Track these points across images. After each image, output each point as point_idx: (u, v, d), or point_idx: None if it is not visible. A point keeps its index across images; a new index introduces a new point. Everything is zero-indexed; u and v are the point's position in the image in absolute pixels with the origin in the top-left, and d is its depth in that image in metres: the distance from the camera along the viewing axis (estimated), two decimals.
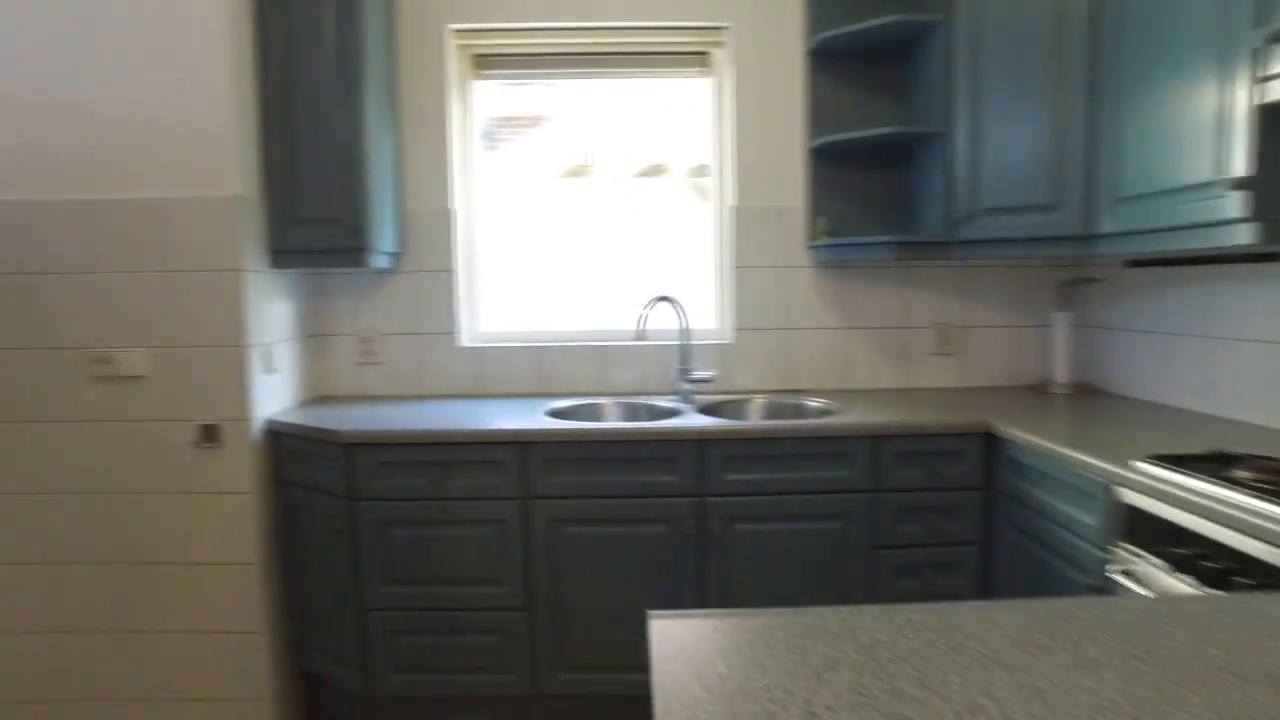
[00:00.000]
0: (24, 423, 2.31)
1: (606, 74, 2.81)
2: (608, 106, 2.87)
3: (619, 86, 2.84)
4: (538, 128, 2.92)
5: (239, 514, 2.29)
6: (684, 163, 2.87)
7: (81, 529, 2.33)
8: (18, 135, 2.23)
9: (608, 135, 2.88)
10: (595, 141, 2.89)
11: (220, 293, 2.23)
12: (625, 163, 2.88)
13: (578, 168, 2.91)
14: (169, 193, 2.22)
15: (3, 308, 2.28)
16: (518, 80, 2.84)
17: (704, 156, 2.85)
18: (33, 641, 2.38)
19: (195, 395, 2.26)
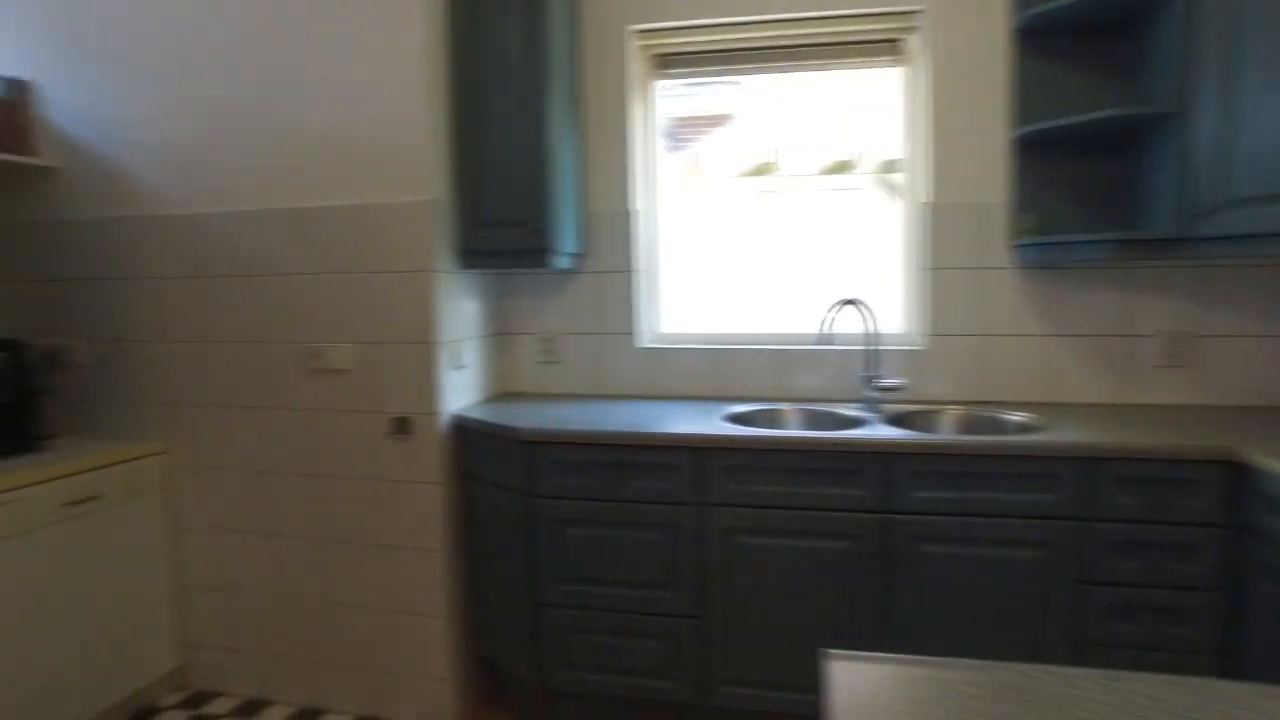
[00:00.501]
0: (251, 408, 2.55)
1: (792, 68, 2.70)
2: (792, 102, 2.76)
3: (804, 81, 2.73)
4: (720, 127, 2.87)
5: (426, 503, 2.41)
6: (871, 158, 2.71)
7: (296, 507, 2.55)
8: (240, 152, 2.46)
9: (791, 132, 2.78)
10: (778, 139, 2.79)
11: (414, 293, 2.35)
12: (809, 160, 2.76)
13: (761, 166, 2.82)
14: (370, 199, 2.37)
15: (234, 305, 2.53)
16: (700, 79, 2.80)
17: (894, 151, 2.68)
18: (257, 603, 2.63)
19: (390, 389, 2.40)
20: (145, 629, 2.63)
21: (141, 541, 2.61)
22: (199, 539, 2.68)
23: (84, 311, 2.71)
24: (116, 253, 2.65)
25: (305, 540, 2.55)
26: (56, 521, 2.33)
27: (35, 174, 2.72)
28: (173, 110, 2.53)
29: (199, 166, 2.52)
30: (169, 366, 2.63)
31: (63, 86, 2.64)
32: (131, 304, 2.65)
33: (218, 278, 2.54)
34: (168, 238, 2.58)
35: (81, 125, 2.64)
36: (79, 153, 2.65)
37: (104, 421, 2.74)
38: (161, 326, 2.62)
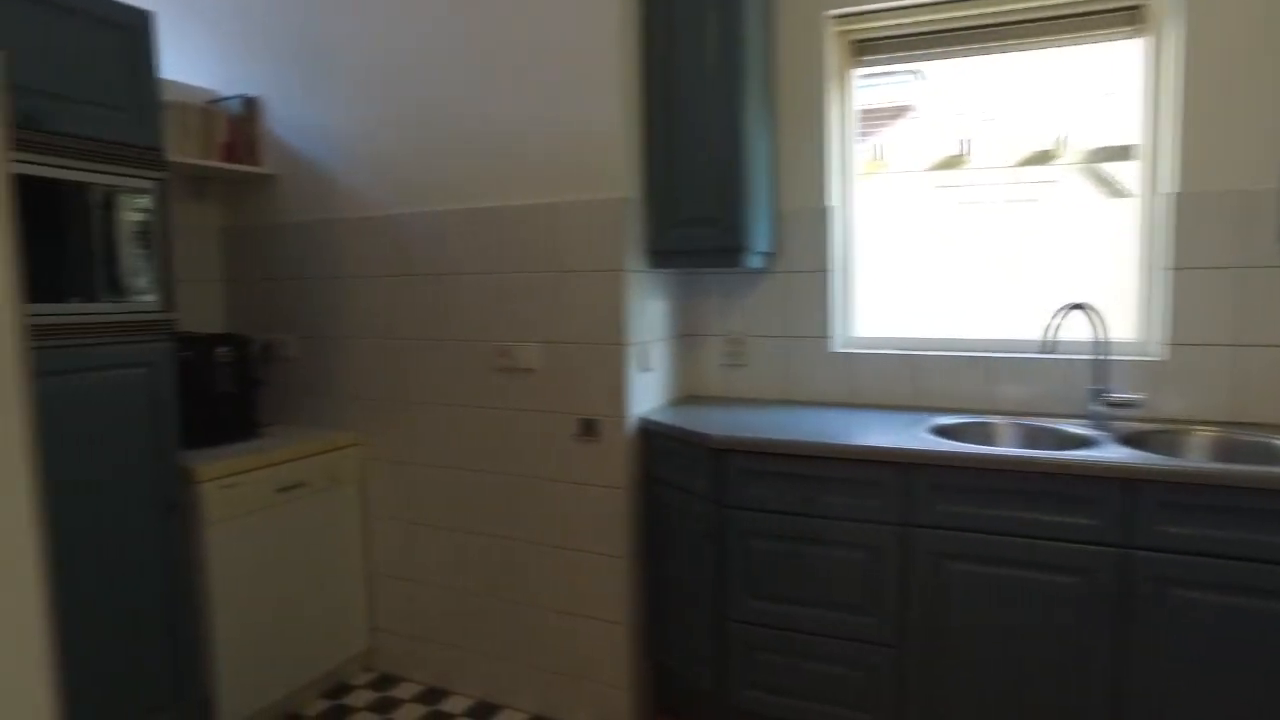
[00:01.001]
0: (441, 405, 2.61)
1: (1002, 48, 2.45)
2: (990, 87, 2.51)
3: (1009, 63, 2.47)
4: (902, 119, 2.66)
5: (610, 506, 2.36)
6: (1082, 145, 2.41)
7: (481, 503, 2.58)
8: (438, 154, 2.52)
9: (987, 120, 2.52)
10: (971, 127, 2.54)
11: (603, 293, 2.31)
12: (1006, 150, 2.49)
13: (949, 159, 2.59)
14: (561, 197, 2.35)
15: (428, 304, 2.60)
16: (901, 64, 2.60)
17: (1118, 135, 2.36)
18: (440, 594, 2.70)
19: (577, 390, 2.37)
20: (342, 610, 2.75)
21: (339, 527, 2.74)
22: (388, 528, 2.78)
23: (293, 309, 2.89)
24: (323, 253, 2.79)
25: (489, 537, 2.58)
26: (271, 505, 2.48)
27: (259, 182, 2.93)
28: (378, 118, 2.63)
29: (401, 170, 2.61)
30: (366, 362, 2.75)
31: (284, 100, 2.82)
32: (335, 302, 2.79)
33: (413, 276, 2.62)
34: (370, 238, 2.69)
35: (298, 135, 2.81)
36: (296, 161, 2.82)
37: (308, 412, 2.91)
38: (361, 323, 2.74)
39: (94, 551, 2.06)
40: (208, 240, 3.01)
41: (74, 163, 1.99)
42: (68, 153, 1.97)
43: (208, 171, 2.77)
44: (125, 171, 2.10)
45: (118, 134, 2.07)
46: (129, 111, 2.10)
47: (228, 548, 2.35)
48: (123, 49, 2.09)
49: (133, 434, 2.14)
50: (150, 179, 2.16)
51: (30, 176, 1.90)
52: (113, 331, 2.09)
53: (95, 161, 2.03)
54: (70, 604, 2.01)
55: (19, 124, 1.87)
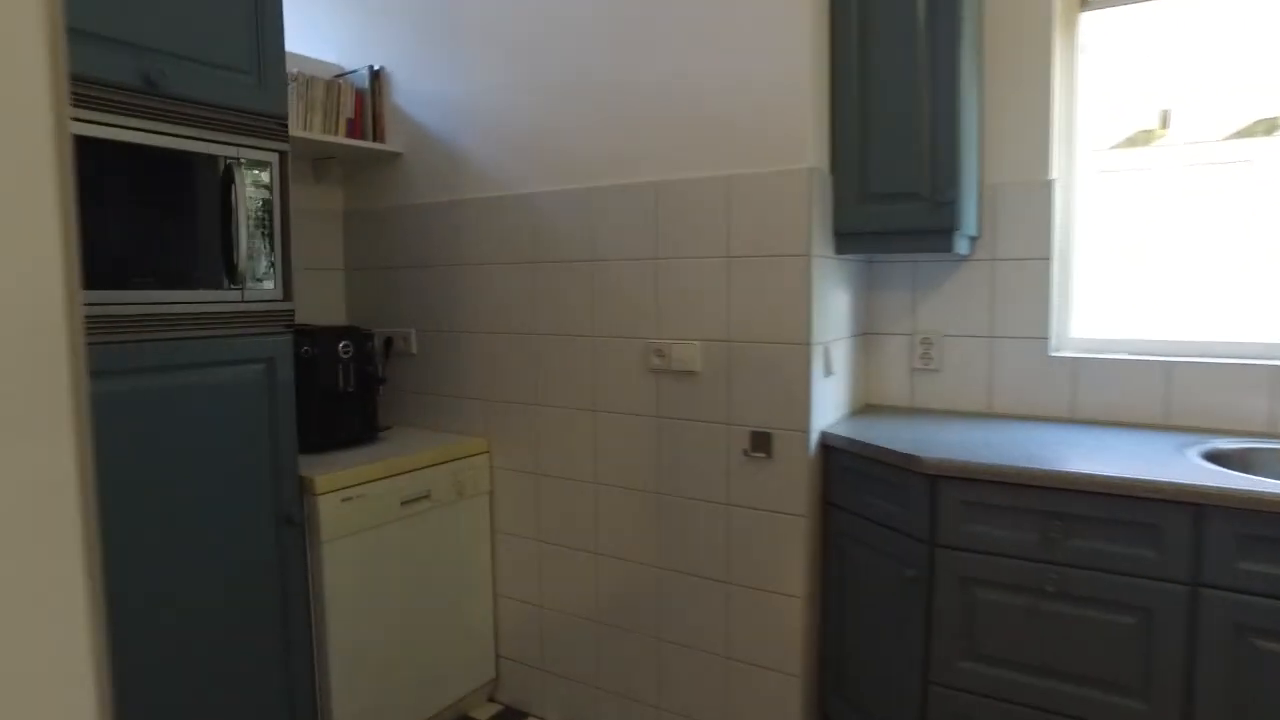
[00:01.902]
0: (581, 410, 2.29)
1: None
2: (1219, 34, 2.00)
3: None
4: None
5: (786, 538, 1.99)
6: None
7: (626, 525, 2.25)
8: (584, 123, 2.19)
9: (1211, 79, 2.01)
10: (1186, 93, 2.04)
11: (783, 282, 1.93)
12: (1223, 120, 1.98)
13: (1141, 134, 2.11)
14: (733, 168, 1.99)
15: (567, 294, 2.28)
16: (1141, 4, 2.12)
17: None
18: (575, 624, 2.38)
19: (747, 397, 2.00)
20: (468, 636, 2.48)
21: (466, 544, 2.46)
22: (518, 547, 2.49)
23: (417, 300, 2.63)
24: (451, 238, 2.52)
25: (633, 564, 2.24)
26: (394, 519, 2.21)
27: (384, 161, 2.69)
28: (515, 86, 2.33)
29: (540, 143, 2.30)
30: (497, 360, 2.46)
31: (412, 72, 2.56)
32: (463, 292, 2.51)
33: (553, 263, 2.31)
34: (503, 220, 2.39)
35: (427, 109, 2.54)
36: (423, 137, 2.56)
37: (429, 415, 2.65)
38: (492, 317, 2.45)
39: (202, 567, 1.82)
40: (329, 225, 2.79)
41: (191, 131, 1.75)
42: (185, 120, 1.74)
43: (331, 149, 2.54)
44: (246, 142, 1.85)
45: (240, 100, 1.83)
46: (252, 75, 1.86)
47: (346, 566, 2.09)
48: (250, 7, 1.85)
49: (248, 438, 1.90)
50: (272, 151, 1.91)
51: (138, 145, 1.67)
52: (228, 322, 1.85)
53: (214, 130, 1.79)
54: (177, 624, 1.78)
55: (135, 87, 1.64)
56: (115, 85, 1.61)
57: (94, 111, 1.59)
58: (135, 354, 1.68)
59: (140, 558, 1.70)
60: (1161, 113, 2.22)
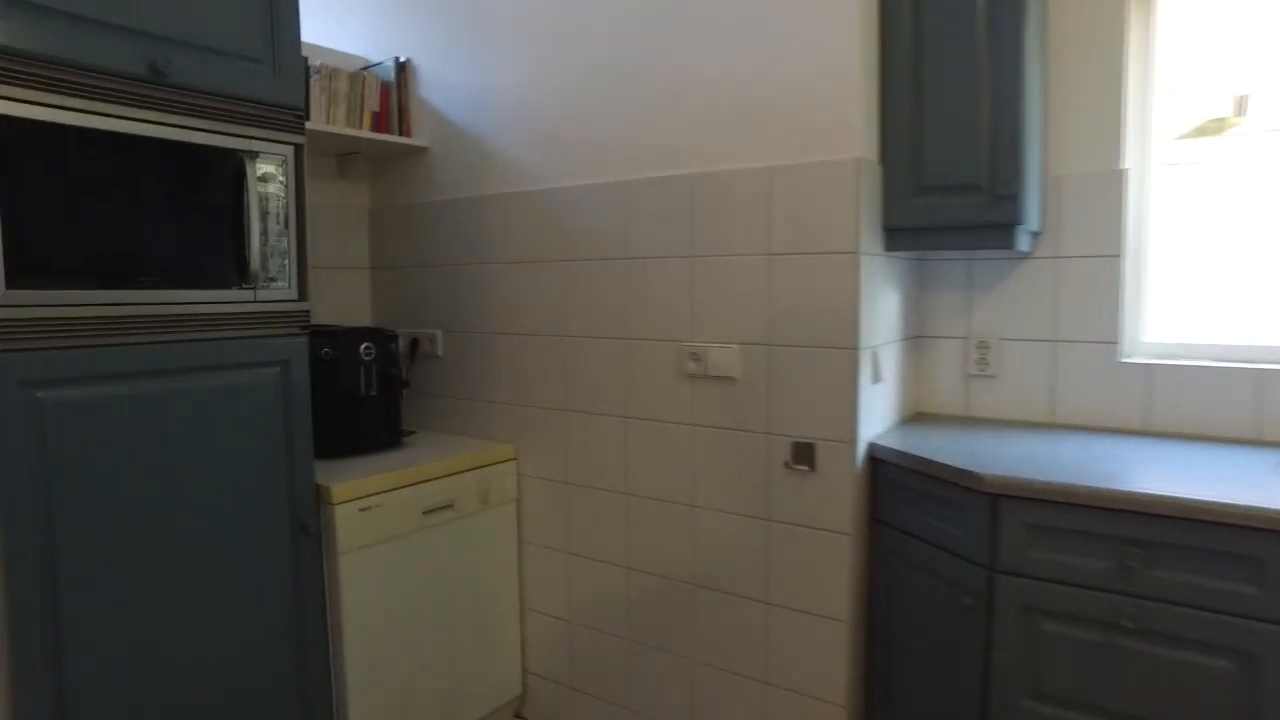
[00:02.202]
0: (611, 416, 2.17)
1: None
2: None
3: None
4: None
5: (829, 557, 1.84)
6: None
7: (658, 538, 2.12)
8: (616, 113, 2.07)
9: None
10: None
11: (829, 281, 1.78)
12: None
13: (1213, 123, 1.92)
14: (776, 159, 1.85)
15: (597, 295, 2.16)
16: None
17: None
18: (605, 640, 2.26)
19: (789, 405, 1.86)
20: (492, 651, 2.37)
21: (491, 556, 2.35)
22: (546, 559, 2.37)
23: (443, 299, 2.53)
24: (477, 235, 2.41)
25: (664, 580, 2.11)
26: (415, 530, 2.11)
27: (409, 155, 2.59)
28: (545, 77, 2.22)
29: (571, 135, 2.19)
30: (524, 362, 2.35)
31: (438, 63, 2.47)
32: (490, 291, 2.40)
33: (584, 261, 2.18)
34: (532, 217, 2.28)
35: (453, 101, 2.44)
36: (449, 130, 2.46)
37: (454, 419, 2.55)
38: (519, 317, 2.34)
39: (213, 579, 1.73)
40: (355, 222, 2.71)
41: (200, 122, 1.66)
42: (194, 111, 1.65)
43: (356, 144, 2.45)
44: (258, 134, 1.76)
45: (252, 90, 1.74)
46: (266, 64, 1.77)
47: (363, 580, 1.99)
48: None
49: (262, 444, 1.81)
50: (286, 144, 1.82)
51: (145, 138, 1.58)
52: (240, 324, 1.76)
53: (224, 121, 1.70)
54: (186, 639, 1.69)
55: (140, 76, 1.56)
56: (120, 74, 1.53)
57: (97, 102, 1.51)
58: (144, 356, 1.60)
59: (146, 570, 1.62)
60: (1237, 99, 2.03)
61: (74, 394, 1.51)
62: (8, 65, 1.39)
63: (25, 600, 1.46)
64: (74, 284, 1.50)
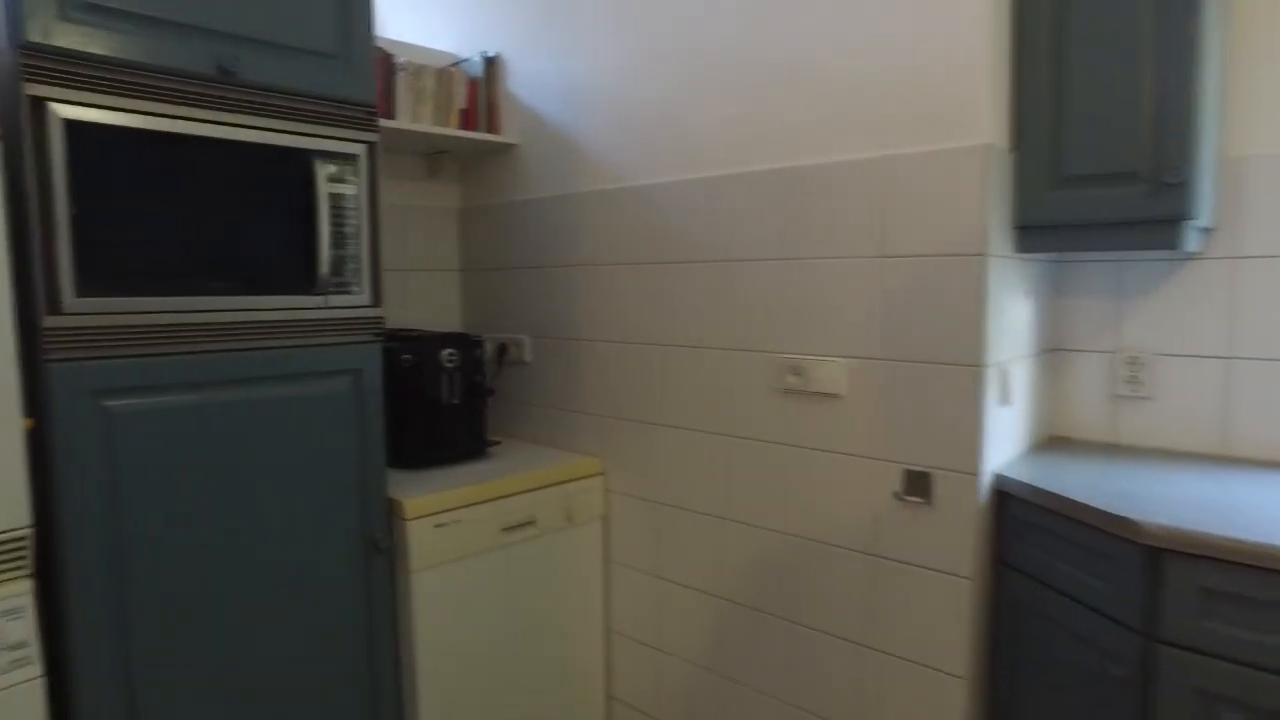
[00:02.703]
0: (704, 433, 2.00)
1: None
2: None
3: None
4: None
5: (945, 603, 1.60)
6: None
7: (753, 568, 1.93)
8: (713, 105, 1.88)
9: None
10: None
11: (950, 287, 1.55)
12: None
13: None
14: (890, 149, 1.62)
15: (691, 300, 1.99)
16: None
17: None
18: (694, 672, 2.09)
19: (902, 427, 1.63)
20: (574, 675, 2.24)
21: (575, 576, 2.22)
22: (631, 580, 2.22)
23: (530, 303, 2.42)
24: (565, 235, 2.29)
25: (760, 613, 1.92)
26: (493, 548, 2.00)
27: (498, 153, 2.50)
28: (634, 66, 2.06)
29: (661, 129, 2.02)
30: (613, 371, 2.20)
31: (527, 57, 2.35)
32: (578, 295, 2.27)
33: (676, 264, 2.02)
34: (622, 216, 2.13)
35: (541, 96, 2.32)
36: (538, 126, 2.35)
37: (540, 430, 2.43)
38: (607, 322, 2.20)
39: (280, 594, 1.67)
40: (444, 224, 2.64)
41: (269, 122, 1.59)
42: (263, 110, 1.58)
43: (444, 143, 2.37)
44: (329, 133, 1.68)
45: (322, 86, 1.66)
46: (338, 59, 1.69)
47: (438, 598, 1.90)
48: None
49: (332, 456, 1.74)
50: (359, 142, 1.73)
51: (213, 140, 1.52)
52: (311, 331, 1.69)
53: (294, 120, 1.63)
54: (251, 651, 1.63)
55: (208, 76, 1.50)
56: (187, 75, 1.47)
57: (163, 104, 1.45)
58: (212, 365, 1.54)
59: (212, 585, 1.57)
60: None
61: (142, 403, 1.46)
62: (75, 70, 1.35)
63: (92, 609, 1.42)
64: (141, 291, 1.46)
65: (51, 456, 1.38)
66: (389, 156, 2.46)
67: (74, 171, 1.36)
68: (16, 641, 1.35)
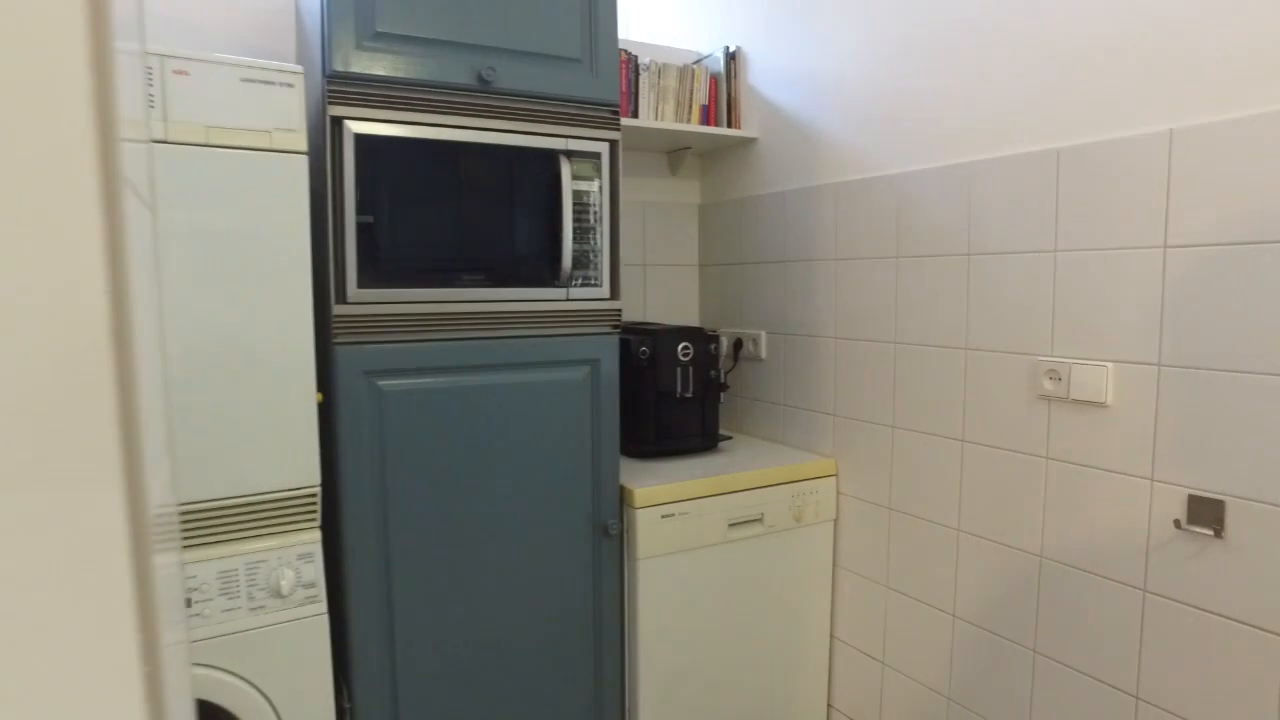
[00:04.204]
0: (948, 439, 1.85)
1: None
2: None
3: None
4: None
5: (1238, 657, 1.35)
6: None
7: (993, 586, 1.76)
8: (962, 84, 1.73)
9: None
10: None
11: (1256, 280, 1.29)
12: None
13: None
14: (1176, 120, 1.39)
15: (937, 297, 1.85)
16: None
17: None
18: (921, 693, 1.95)
19: (1186, 445, 1.40)
20: (792, 680, 2.18)
21: (801, 577, 2.16)
22: (862, 589, 2.12)
23: (768, 298, 2.38)
24: (805, 229, 2.23)
25: (997, 638, 1.74)
26: (719, 542, 2.00)
27: (738, 148, 2.49)
28: (876, 48, 1.95)
29: (906, 113, 1.90)
30: (849, 369, 2.11)
31: (767, 49, 2.32)
32: (816, 291, 2.20)
33: (922, 258, 1.89)
34: (865, 208, 2.03)
35: (782, 88, 2.28)
36: (779, 119, 2.31)
37: (771, 427, 2.39)
38: (845, 319, 2.11)
39: (520, 564, 1.79)
40: (685, 219, 2.69)
41: (522, 125, 1.71)
42: (516, 115, 1.70)
43: (685, 139, 2.41)
44: (575, 133, 1.77)
45: (569, 89, 1.75)
46: (584, 63, 1.77)
47: (663, 586, 1.93)
48: None
49: (569, 440, 1.83)
50: (603, 140, 1.81)
51: (472, 144, 1.66)
52: (553, 322, 1.79)
53: (543, 123, 1.73)
54: (492, 611, 1.77)
55: (469, 87, 1.64)
56: (451, 87, 1.62)
57: (431, 114, 1.61)
58: (467, 351, 1.69)
59: (458, 553, 1.72)
60: None
61: (406, 384, 1.64)
62: (364, 90, 1.54)
63: (363, 555, 1.63)
64: (411, 283, 1.63)
65: (336, 426, 1.59)
66: (632, 154, 2.54)
67: (360, 180, 1.56)
68: (309, 581, 1.57)
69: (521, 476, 1.78)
